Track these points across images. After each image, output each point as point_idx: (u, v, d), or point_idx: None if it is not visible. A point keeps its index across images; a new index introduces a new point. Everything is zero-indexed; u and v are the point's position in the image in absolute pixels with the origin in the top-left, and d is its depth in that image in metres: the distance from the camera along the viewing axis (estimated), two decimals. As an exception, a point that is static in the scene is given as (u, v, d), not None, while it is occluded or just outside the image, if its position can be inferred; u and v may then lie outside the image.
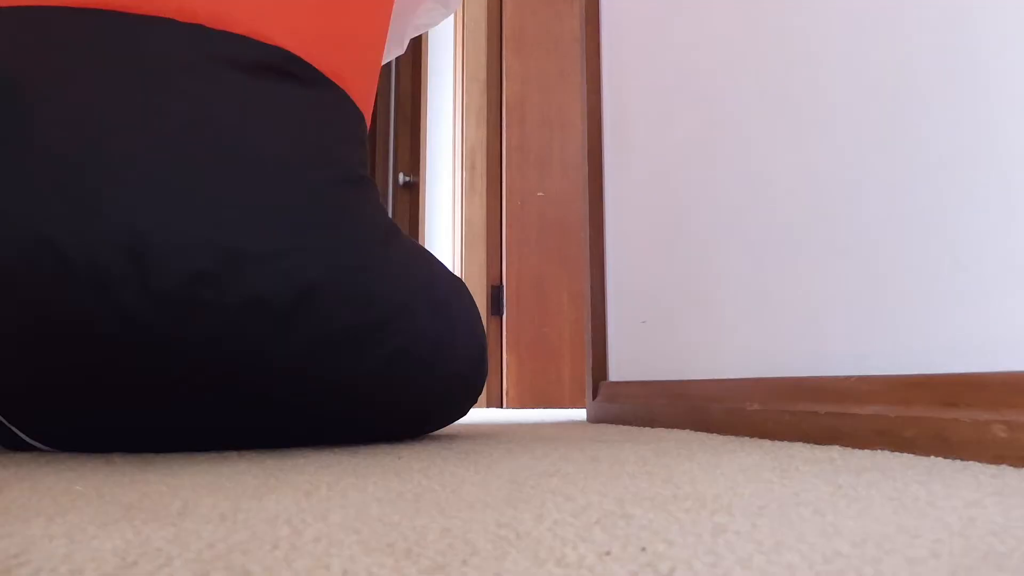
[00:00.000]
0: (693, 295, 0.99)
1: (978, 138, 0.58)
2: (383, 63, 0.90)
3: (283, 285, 0.60)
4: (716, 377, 0.91)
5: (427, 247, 2.60)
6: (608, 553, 0.26)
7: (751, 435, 0.75)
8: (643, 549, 0.27)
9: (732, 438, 0.74)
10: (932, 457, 0.53)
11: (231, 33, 0.65)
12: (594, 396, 1.25)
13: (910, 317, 0.63)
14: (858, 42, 0.71)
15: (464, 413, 0.83)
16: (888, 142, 0.67)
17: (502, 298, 2.26)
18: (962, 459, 0.50)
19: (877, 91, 0.68)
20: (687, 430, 0.87)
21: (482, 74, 2.36)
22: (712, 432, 0.82)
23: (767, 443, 0.67)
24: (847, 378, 0.67)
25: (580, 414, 1.58)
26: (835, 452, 0.57)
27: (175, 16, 0.63)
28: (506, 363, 2.21)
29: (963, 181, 0.59)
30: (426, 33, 2.74)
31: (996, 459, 0.49)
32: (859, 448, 0.59)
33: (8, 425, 0.63)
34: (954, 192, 0.60)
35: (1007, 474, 0.44)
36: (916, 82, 0.64)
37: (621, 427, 1.01)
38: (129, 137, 0.58)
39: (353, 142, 0.72)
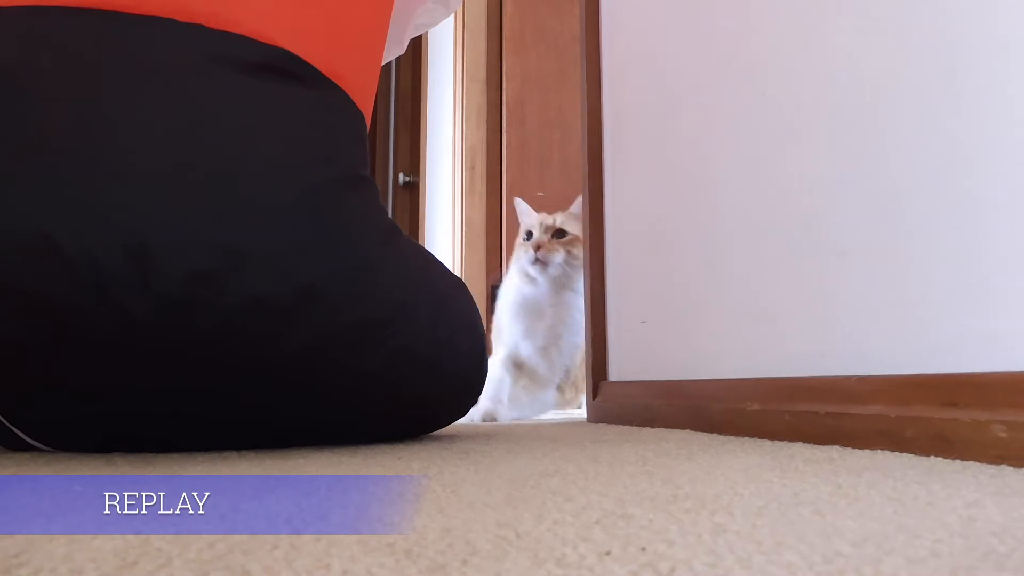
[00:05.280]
0: (693, 295, 0.99)
1: (978, 139, 0.58)
2: (383, 63, 0.90)
3: (283, 285, 0.60)
4: (716, 377, 0.91)
5: (427, 247, 2.59)
6: (608, 553, 0.26)
7: (751, 435, 0.75)
8: (643, 549, 0.27)
9: (732, 438, 0.74)
10: (932, 457, 0.52)
11: (231, 33, 0.65)
12: (594, 396, 1.25)
13: (910, 317, 0.63)
14: (859, 42, 0.71)
15: (464, 413, 0.83)
16: (888, 142, 0.67)
17: (502, 298, 2.25)
18: (962, 459, 0.50)
19: (877, 91, 0.68)
20: (687, 430, 0.87)
21: (482, 74, 2.36)
22: (712, 432, 0.82)
23: (767, 443, 0.67)
24: (847, 378, 0.67)
25: (580, 414, 1.58)
26: (835, 452, 0.57)
27: (175, 16, 0.63)
28: (506, 363, 2.21)
29: (963, 181, 0.59)
30: (426, 33, 2.74)
31: (996, 459, 0.49)
32: (859, 448, 0.59)
33: (8, 425, 0.63)
34: (954, 192, 0.60)
35: (1007, 474, 0.44)
36: (917, 83, 0.64)
37: (621, 427, 1.01)
38: (129, 137, 0.58)
39: (353, 142, 0.72)
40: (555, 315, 1.44)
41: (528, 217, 1.57)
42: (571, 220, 1.49)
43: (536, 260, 1.44)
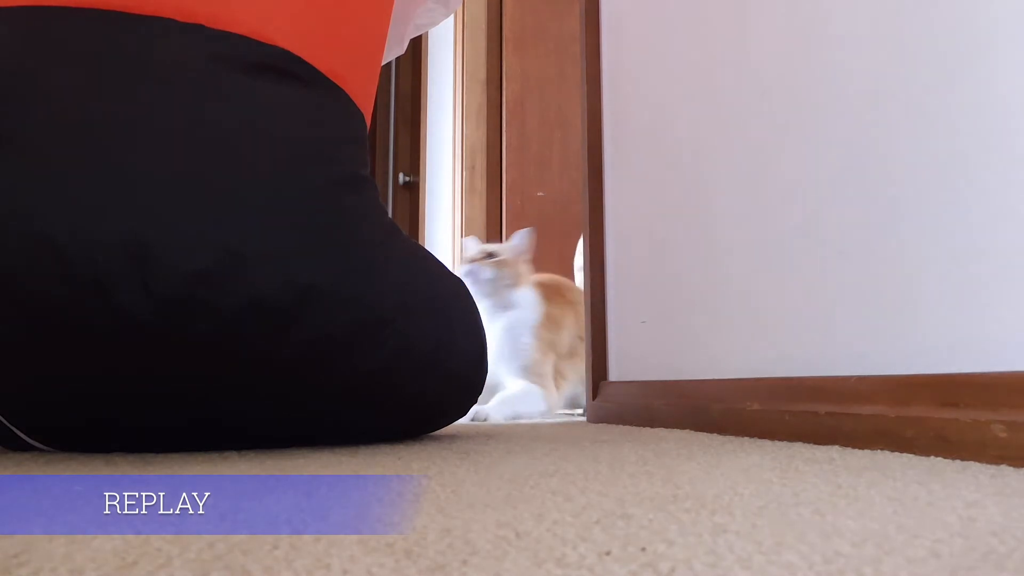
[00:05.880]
0: (693, 295, 0.99)
1: (977, 139, 0.58)
2: (383, 63, 0.90)
3: (283, 285, 0.60)
4: (716, 377, 0.91)
5: (427, 247, 2.59)
6: (608, 553, 0.26)
7: (751, 435, 0.75)
8: (643, 549, 0.27)
9: (732, 438, 0.74)
10: (932, 457, 0.52)
11: (231, 33, 0.65)
12: (594, 396, 1.25)
13: (910, 317, 0.63)
14: (857, 43, 0.71)
15: (464, 413, 0.83)
16: (888, 142, 0.67)
17: (502, 298, 2.25)
18: (962, 459, 0.50)
19: (877, 92, 0.68)
20: (687, 430, 0.87)
21: (482, 74, 2.36)
22: (712, 432, 0.82)
23: (767, 443, 0.67)
24: (847, 378, 0.67)
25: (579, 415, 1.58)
26: (835, 452, 0.57)
27: (175, 16, 0.63)
28: (506, 363, 2.21)
29: (963, 181, 0.59)
30: (426, 33, 2.74)
31: (996, 459, 0.49)
32: (859, 448, 0.59)
33: (8, 425, 0.63)
34: (954, 192, 0.60)
35: (1007, 474, 0.44)
36: (915, 83, 0.64)
37: (621, 427, 1.01)
38: (129, 137, 0.58)
39: (353, 142, 0.72)
40: (497, 328, 1.57)
41: (471, 247, 1.74)
42: (507, 250, 1.67)
43: (468, 273, 1.61)
